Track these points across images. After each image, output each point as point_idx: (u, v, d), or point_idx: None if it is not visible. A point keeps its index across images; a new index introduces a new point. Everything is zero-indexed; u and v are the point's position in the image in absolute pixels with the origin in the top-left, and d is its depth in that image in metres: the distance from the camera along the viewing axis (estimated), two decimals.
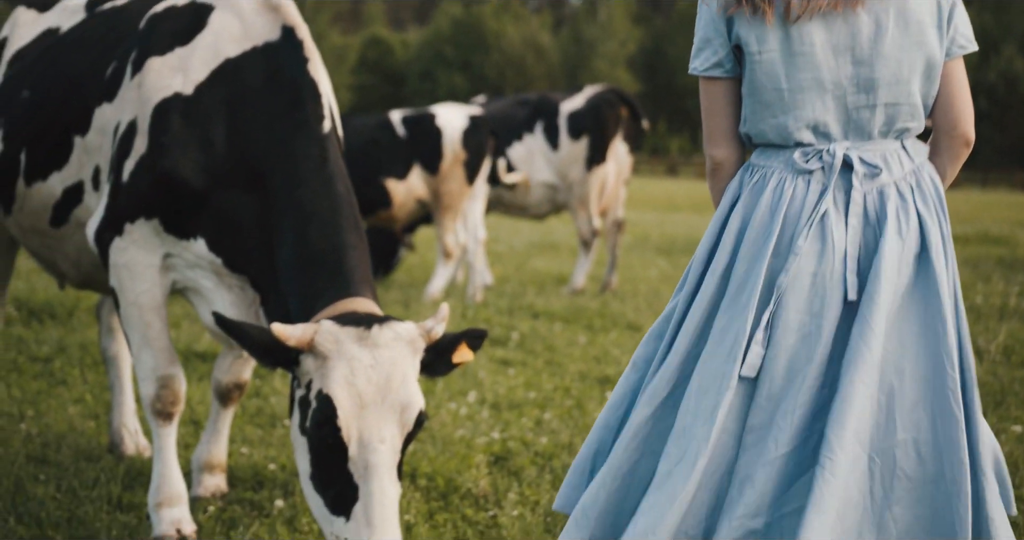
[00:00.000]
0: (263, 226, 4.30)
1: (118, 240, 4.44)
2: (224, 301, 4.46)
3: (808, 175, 2.98)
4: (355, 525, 3.80)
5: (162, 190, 4.36)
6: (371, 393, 3.84)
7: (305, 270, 4.17)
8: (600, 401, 6.85)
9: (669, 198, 34.56)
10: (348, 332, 3.90)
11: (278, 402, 6.62)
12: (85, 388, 6.86)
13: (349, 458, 3.84)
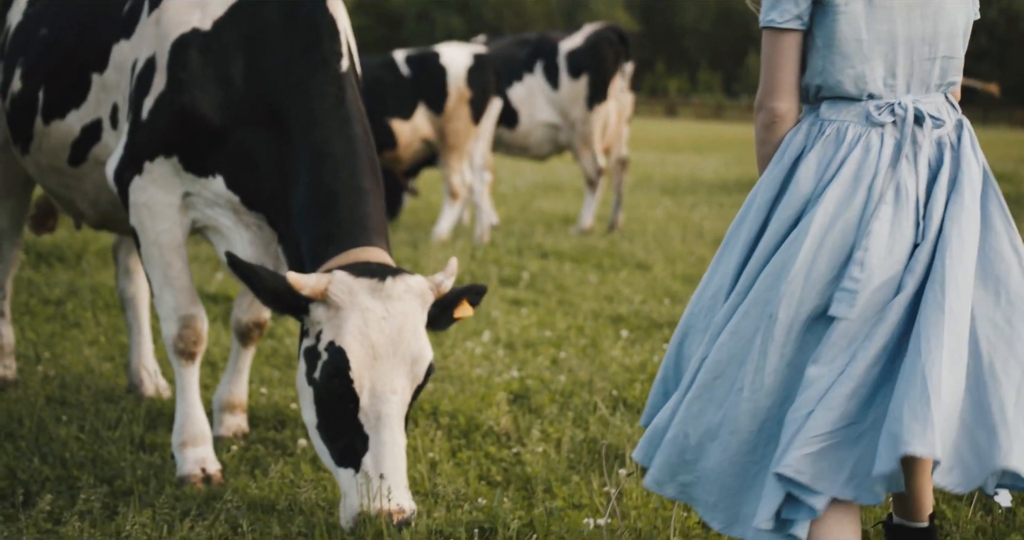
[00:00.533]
0: (280, 165, 4.25)
1: (138, 179, 4.40)
2: (242, 240, 4.43)
3: (881, 128, 3.08)
4: (365, 477, 3.79)
5: (181, 127, 4.32)
6: (383, 345, 3.82)
7: (318, 213, 4.13)
8: (615, 339, 6.85)
9: (669, 139, 34.43)
10: (362, 283, 3.86)
11: (293, 343, 6.61)
12: (99, 330, 6.85)
13: (360, 409, 3.82)
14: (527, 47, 11.98)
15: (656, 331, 7.14)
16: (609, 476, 4.35)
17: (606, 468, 3.87)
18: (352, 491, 3.80)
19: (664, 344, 6.69)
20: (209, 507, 4.08)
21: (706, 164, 23.02)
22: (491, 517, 3.76)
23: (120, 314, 7.23)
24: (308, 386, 3.92)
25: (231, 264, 3.94)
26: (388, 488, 3.74)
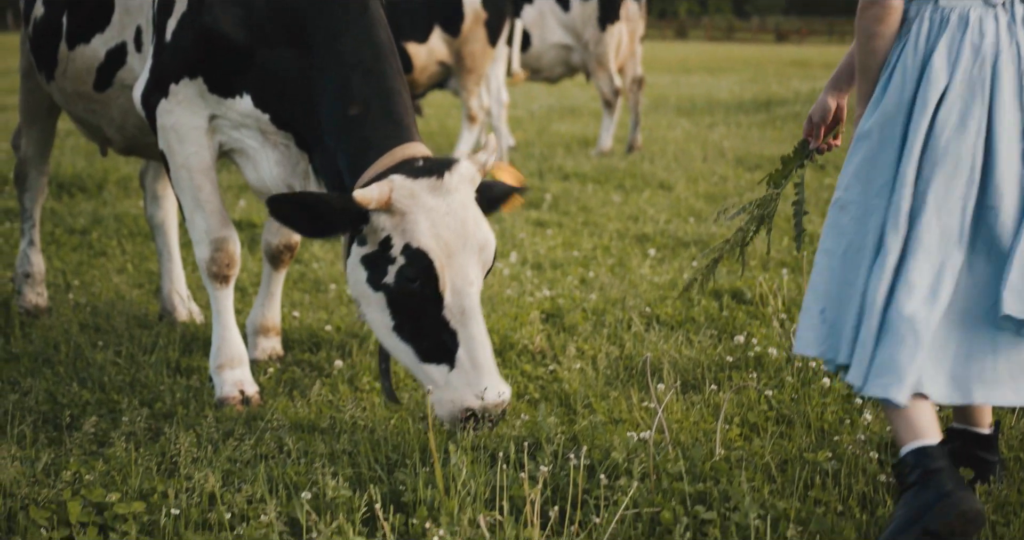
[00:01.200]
0: (307, 80, 4.20)
1: (164, 102, 4.35)
2: (269, 160, 4.38)
3: (994, 8, 3.18)
4: (462, 370, 3.84)
5: (205, 47, 4.25)
6: (454, 240, 3.86)
7: (352, 121, 4.09)
8: (642, 258, 6.82)
9: (681, 61, 34.11)
10: (420, 184, 3.87)
11: (320, 267, 6.60)
12: (125, 258, 6.84)
13: (445, 306, 3.86)
14: None
15: (683, 250, 7.11)
16: (650, 391, 4.35)
17: (651, 382, 3.87)
18: (451, 386, 3.83)
19: (692, 262, 6.67)
20: (251, 428, 4.09)
21: (721, 85, 22.81)
22: (534, 432, 3.77)
23: (146, 242, 7.23)
24: (375, 292, 3.92)
25: (276, 201, 3.86)
26: (485, 379, 3.82)
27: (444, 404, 3.85)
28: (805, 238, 4.04)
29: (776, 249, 6.95)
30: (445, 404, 3.85)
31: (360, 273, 3.97)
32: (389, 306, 3.91)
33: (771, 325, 5.17)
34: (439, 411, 3.87)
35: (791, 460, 3.71)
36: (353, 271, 4.00)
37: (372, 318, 3.99)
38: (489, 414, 3.80)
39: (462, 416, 3.81)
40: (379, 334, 4.00)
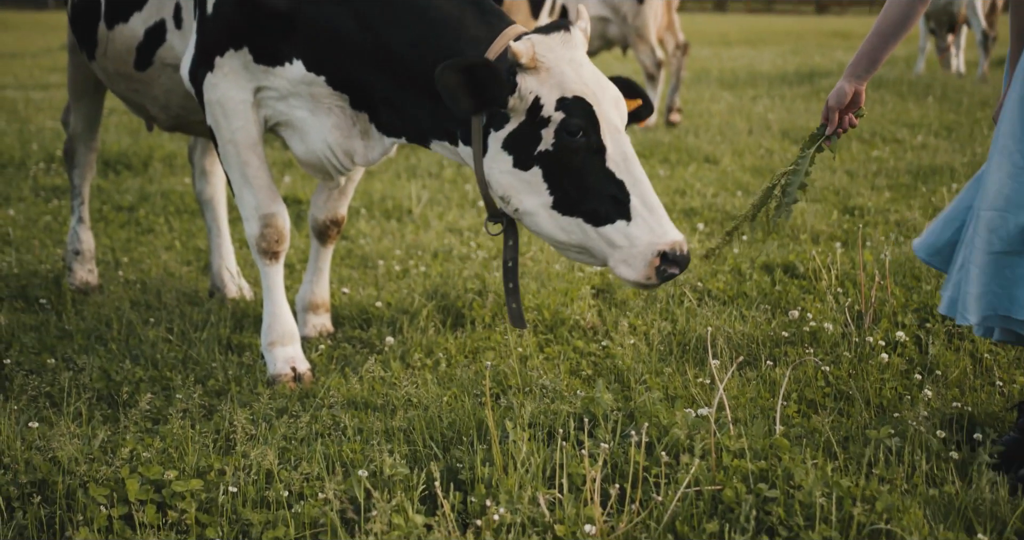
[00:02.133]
0: (367, 31, 4.08)
1: (210, 76, 4.30)
2: (323, 127, 4.29)
3: None
4: (640, 218, 3.79)
5: (247, 15, 4.18)
6: (597, 89, 3.85)
7: (446, 37, 3.98)
8: (691, 232, 6.75)
9: (722, 33, 33.77)
10: (554, 38, 3.87)
11: (367, 243, 6.58)
12: (173, 236, 6.85)
13: (608, 157, 3.82)
14: None
15: (730, 223, 7.02)
16: (706, 367, 4.30)
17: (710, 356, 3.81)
18: (634, 238, 3.79)
19: (742, 236, 6.59)
20: (304, 405, 4.07)
21: (763, 57, 22.57)
22: (591, 408, 3.72)
23: (193, 219, 7.23)
24: (527, 170, 3.87)
25: (445, 70, 3.73)
26: (664, 221, 3.81)
27: (634, 260, 3.80)
28: (771, 216, 3.99)
29: (827, 223, 6.86)
30: (636, 259, 3.79)
31: (504, 162, 3.90)
32: (547, 179, 3.86)
33: (825, 299, 5.09)
34: (627, 273, 3.82)
35: (852, 437, 3.66)
36: (495, 164, 3.92)
37: (526, 206, 3.91)
38: (680, 251, 3.76)
39: (656, 263, 3.77)
40: (537, 223, 3.93)
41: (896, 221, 6.91)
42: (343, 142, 4.32)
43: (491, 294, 5.25)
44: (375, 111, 4.25)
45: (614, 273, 3.87)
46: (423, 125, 4.12)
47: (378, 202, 7.72)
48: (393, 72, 4.09)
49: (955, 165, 8.53)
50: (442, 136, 4.10)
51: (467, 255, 6.25)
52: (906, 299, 5.03)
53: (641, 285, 3.84)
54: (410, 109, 4.12)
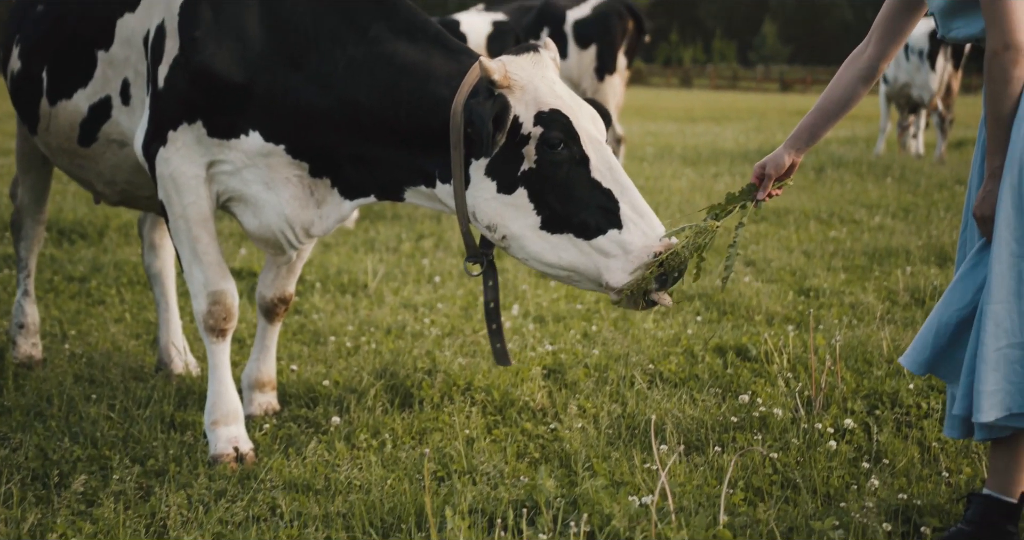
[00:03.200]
0: (329, 92, 4.07)
1: (162, 150, 4.26)
2: (282, 199, 4.24)
3: None
4: (632, 225, 3.78)
5: (201, 88, 4.14)
6: (572, 102, 3.88)
7: (415, 78, 4.00)
8: (646, 311, 6.74)
9: (687, 109, 34.20)
10: (525, 59, 3.92)
11: (320, 319, 6.53)
12: (124, 307, 6.77)
13: (592, 166, 3.81)
14: (531, 14, 11.82)
15: (687, 303, 7.03)
16: (652, 452, 4.26)
17: (654, 443, 3.78)
18: (629, 245, 3.77)
19: (696, 316, 6.59)
20: (244, 487, 4.00)
21: (726, 134, 22.83)
22: (533, 495, 3.67)
23: (145, 291, 7.16)
24: (512, 193, 3.87)
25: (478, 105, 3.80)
26: (656, 223, 3.80)
27: (632, 266, 3.77)
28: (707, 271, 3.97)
29: (782, 303, 6.87)
30: (634, 265, 3.76)
31: (488, 189, 3.90)
32: (532, 198, 3.85)
33: (776, 384, 5.08)
34: (623, 279, 3.78)
35: (797, 528, 3.62)
36: (479, 194, 3.92)
37: (513, 230, 3.89)
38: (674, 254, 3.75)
39: (650, 268, 3.74)
40: (524, 247, 3.90)
41: (851, 303, 6.93)
42: (300, 214, 4.28)
43: (440, 374, 5.21)
44: (339, 174, 4.22)
45: (610, 285, 3.81)
46: (398, 175, 4.11)
47: (334, 276, 7.68)
48: (362, 127, 4.07)
49: (910, 247, 8.59)
50: (418, 181, 4.09)
51: (420, 332, 6.21)
52: (857, 384, 5.02)
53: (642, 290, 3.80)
54: (384, 161, 4.11)
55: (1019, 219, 3.35)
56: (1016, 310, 3.34)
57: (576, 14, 11.70)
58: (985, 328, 3.35)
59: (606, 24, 11.57)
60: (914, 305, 6.86)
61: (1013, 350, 3.32)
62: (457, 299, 7.10)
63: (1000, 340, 3.33)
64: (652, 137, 21.17)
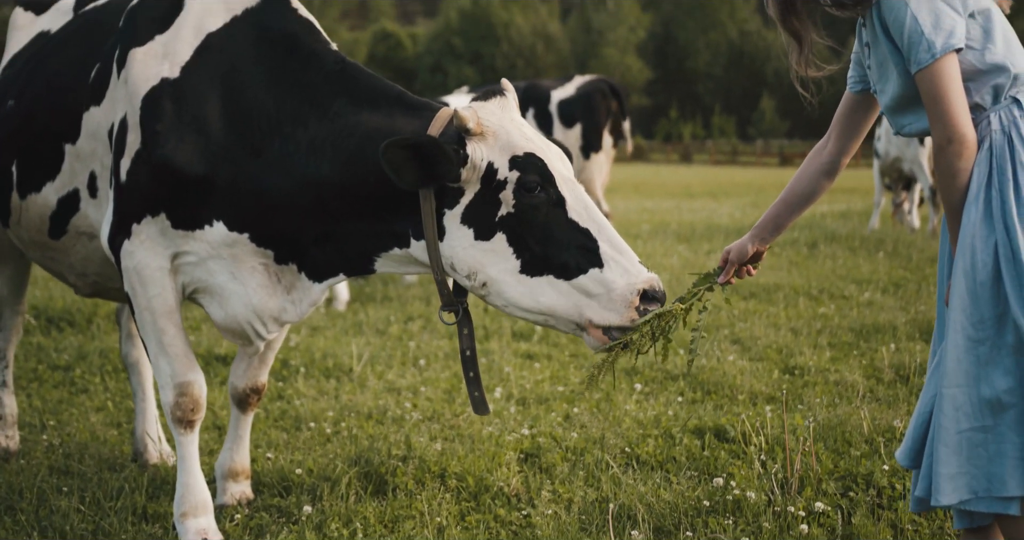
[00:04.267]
0: (291, 174, 4.08)
1: (127, 243, 4.28)
2: (249, 288, 4.26)
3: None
4: (613, 262, 3.78)
5: (163, 181, 4.16)
6: (542, 145, 3.92)
7: (379, 142, 3.93)
8: (629, 392, 6.73)
9: (685, 185, 34.41)
10: (493, 104, 3.98)
11: (302, 405, 6.52)
12: (107, 396, 6.77)
13: (568, 207, 3.84)
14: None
15: (671, 383, 7.01)
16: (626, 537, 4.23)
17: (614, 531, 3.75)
18: (610, 284, 3.77)
19: (679, 396, 6.57)
20: None
21: (722, 209, 22.94)
22: None
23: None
24: (490, 239, 3.87)
25: (390, 147, 3.76)
26: (635, 260, 3.81)
27: (615, 304, 3.76)
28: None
29: (766, 382, 6.85)
30: (617, 303, 3.76)
31: (465, 237, 3.90)
32: (512, 243, 3.86)
33: (753, 465, 5.05)
34: (611, 318, 3.77)
35: None
36: (456, 243, 3.92)
37: (492, 275, 3.89)
38: (658, 287, 3.76)
39: (636, 303, 3.74)
40: (503, 292, 3.90)
41: (835, 381, 6.91)
42: (268, 302, 4.29)
43: (415, 459, 5.19)
44: (305, 257, 4.23)
45: (593, 322, 3.80)
46: (368, 245, 4.11)
47: (319, 360, 7.68)
48: (329, 205, 4.08)
49: (897, 323, 8.59)
50: (391, 245, 4.09)
51: (401, 416, 6.20)
52: (834, 465, 4.99)
53: (624, 329, 3.79)
54: (354, 234, 4.11)
55: (974, 304, 3.38)
56: (976, 394, 3.35)
57: (560, 94, 11.86)
58: (944, 411, 3.35)
59: (590, 103, 11.73)
60: (899, 382, 6.85)
61: (976, 434, 3.32)
62: (441, 382, 7.09)
63: (961, 423, 3.33)
64: (648, 214, 21.27)
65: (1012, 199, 3.38)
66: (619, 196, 27.77)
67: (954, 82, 3.36)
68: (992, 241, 3.38)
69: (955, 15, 3.38)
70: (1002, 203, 3.39)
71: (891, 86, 3.56)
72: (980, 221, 3.41)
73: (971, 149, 3.40)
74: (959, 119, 3.36)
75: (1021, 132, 3.42)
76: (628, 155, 59.33)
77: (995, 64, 3.44)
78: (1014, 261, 3.34)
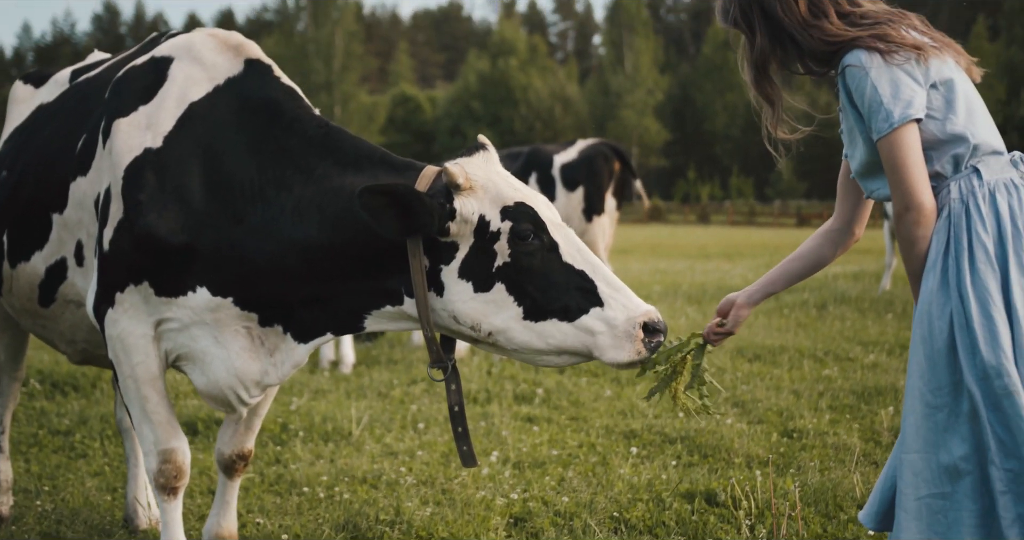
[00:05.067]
0: (275, 238, 4.13)
1: (111, 311, 4.34)
2: (232, 351, 4.29)
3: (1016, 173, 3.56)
4: (612, 300, 3.85)
5: (146, 251, 4.22)
6: (530, 194, 4.01)
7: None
8: (625, 456, 6.73)
9: (701, 246, 34.44)
10: (478, 158, 4.07)
11: (298, 469, 6.54)
12: (104, 461, 6.80)
13: (562, 251, 3.91)
14: (519, 160, 12.10)
15: (668, 446, 7.01)
16: None
17: None
18: (613, 321, 3.83)
19: (675, 460, 6.56)
20: None
21: (735, 271, 22.93)
22: None
23: None
24: (490, 290, 3.94)
25: (368, 192, 3.82)
26: (632, 295, 3.88)
27: (620, 341, 3.83)
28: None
29: (764, 445, 6.83)
30: (622, 340, 3.82)
31: (464, 292, 3.96)
32: (512, 291, 3.92)
33: (741, 530, 5.04)
34: (619, 356, 3.83)
35: None
36: (456, 297, 3.97)
37: (497, 325, 3.95)
38: (658, 318, 3.83)
39: (641, 337, 3.80)
40: (512, 338, 3.95)
41: (833, 444, 6.89)
42: (251, 366, 4.31)
43: (403, 524, 5.19)
44: (291, 318, 4.26)
45: (604, 360, 3.87)
46: (359, 304, 4.15)
47: (318, 424, 7.70)
48: (315, 266, 4.12)
49: (899, 385, 8.57)
50: (383, 303, 4.12)
51: (395, 480, 6.21)
52: (822, 529, 4.98)
53: (636, 363, 3.85)
54: (344, 294, 4.14)
55: (931, 371, 3.42)
56: (935, 460, 3.37)
57: (563, 158, 11.96)
58: (903, 477, 3.37)
59: (592, 167, 11.82)
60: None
61: (935, 500, 3.33)
62: (439, 445, 7.10)
63: (920, 490, 3.34)
64: (661, 275, 21.28)
65: (967, 268, 3.42)
66: (634, 258, 27.83)
67: (913, 151, 3.42)
68: (948, 309, 3.43)
69: (915, 86, 3.45)
70: (957, 272, 3.44)
71: (859, 152, 3.62)
72: (937, 289, 3.46)
73: (929, 217, 3.46)
74: (917, 187, 3.42)
75: (978, 202, 3.47)
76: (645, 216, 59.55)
77: (955, 134, 3.50)
78: (967, 329, 3.39)
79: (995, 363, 3.34)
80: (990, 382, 3.34)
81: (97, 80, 4.85)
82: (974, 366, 3.37)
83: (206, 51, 4.43)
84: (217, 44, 4.46)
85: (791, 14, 3.62)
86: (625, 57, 78.45)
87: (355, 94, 72.47)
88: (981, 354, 3.36)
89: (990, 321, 3.37)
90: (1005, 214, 3.46)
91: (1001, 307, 3.39)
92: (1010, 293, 3.40)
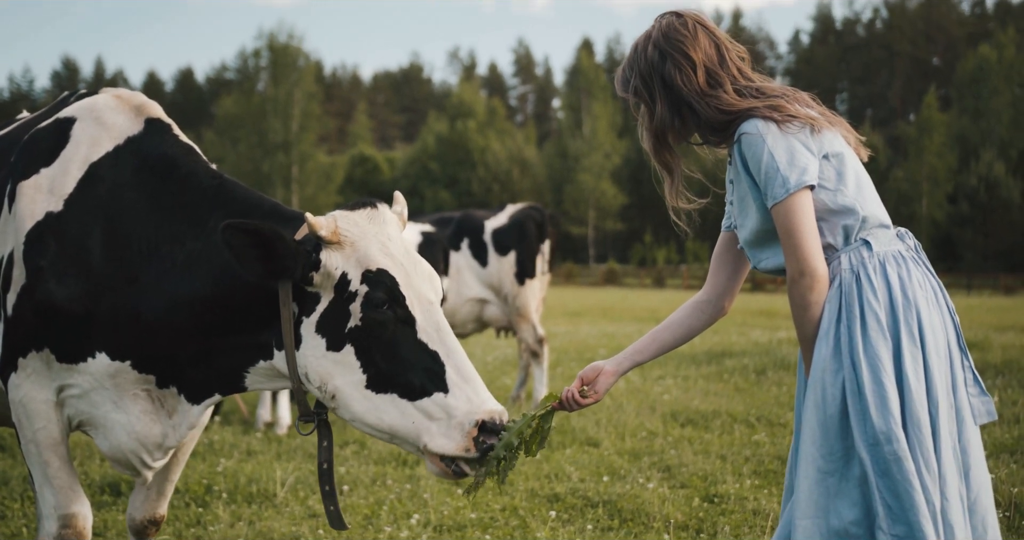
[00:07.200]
0: (168, 296, 4.15)
1: (14, 376, 4.34)
2: (132, 415, 4.30)
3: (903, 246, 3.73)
4: (458, 389, 3.77)
5: (46, 318, 4.24)
6: (407, 262, 3.93)
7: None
8: (544, 519, 6.75)
9: (652, 309, 34.57)
10: (360, 214, 3.98)
11: (216, 531, 6.53)
12: (23, 522, 6.76)
13: (418, 327, 3.84)
14: (450, 225, 12.21)
15: (589, 510, 7.04)
16: None
17: None
18: (453, 410, 3.76)
19: (593, 524, 6.60)
20: None
21: None
22: None
23: None
24: (340, 350, 3.88)
25: (231, 228, 3.80)
26: (481, 390, 3.79)
27: (453, 431, 3.75)
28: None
29: (684, 510, 6.88)
30: (454, 430, 3.74)
31: (318, 346, 3.91)
32: (359, 355, 3.86)
33: None
34: (446, 445, 3.75)
35: None
36: (310, 351, 3.93)
37: (339, 386, 3.89)
38: (500, 420, 3.73)
39: (474, 434, 3.71)
40: (349, 405, 3.89)
41: (752, 509, 6.95)
42: (152, 428, 4.33)
43: None
44: (183, 379, 4.27)
45: (430, 448, 3.79)
46: (236, 360, 4.15)
47: (243, 486, 7.68)
48: (200, 319, 4.14)
49: None
50: (257, 357, 4.12)
51: None
52: None
53: (460, 459, 3.77)
54: (226, 349, 4.15)
55: (824, 436, 3.50)
56: (825, 525, 3.45)
57: (494, 223, 12.10)
58: None
59: (523, 231, 11.97)
60: None
61: None
62: (362, 508, 7.10)
63: None
64: (607, 338, 21.37)
65: (859, 337, 3.52)
66: (585, 320, 27.93)
67: (807, 217, 3.53)
68: (840, 376, 3.52)
69: (809, 155, 3.57)
70: (850, 340, 3.53)
71: (750, 221, 3.71)
72: (830, 356, 3.55)
73: (822, 283, 3.56)
74: (810, 253, 3.52)
75: (869, 273, 3.57)
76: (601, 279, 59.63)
77: (845, 206, 3.61)
78: (859, 396, 3.47)
79: (885, 428, 3.43)
80: (880, 447, 3.43)
81: (5, 140, 4.88)
82: (865, 432, 3.45)
83: (108, 112, 4.49)
84: (119, 104, 4.52)
85: (690, 84, 3.73)
86: (583, 121, 79.18)
87: (313, 154, 72.58)
88: (872, 420, 3.45)
89: (881, 387, 3.46)
90: (896, 284, 3.56)
91: (892, 374, 3.49)
92: (901, 361, 3.50)
